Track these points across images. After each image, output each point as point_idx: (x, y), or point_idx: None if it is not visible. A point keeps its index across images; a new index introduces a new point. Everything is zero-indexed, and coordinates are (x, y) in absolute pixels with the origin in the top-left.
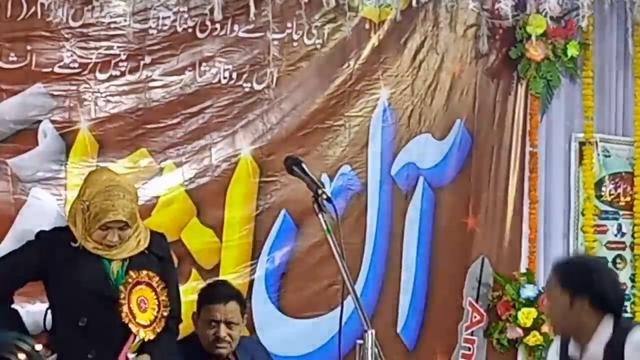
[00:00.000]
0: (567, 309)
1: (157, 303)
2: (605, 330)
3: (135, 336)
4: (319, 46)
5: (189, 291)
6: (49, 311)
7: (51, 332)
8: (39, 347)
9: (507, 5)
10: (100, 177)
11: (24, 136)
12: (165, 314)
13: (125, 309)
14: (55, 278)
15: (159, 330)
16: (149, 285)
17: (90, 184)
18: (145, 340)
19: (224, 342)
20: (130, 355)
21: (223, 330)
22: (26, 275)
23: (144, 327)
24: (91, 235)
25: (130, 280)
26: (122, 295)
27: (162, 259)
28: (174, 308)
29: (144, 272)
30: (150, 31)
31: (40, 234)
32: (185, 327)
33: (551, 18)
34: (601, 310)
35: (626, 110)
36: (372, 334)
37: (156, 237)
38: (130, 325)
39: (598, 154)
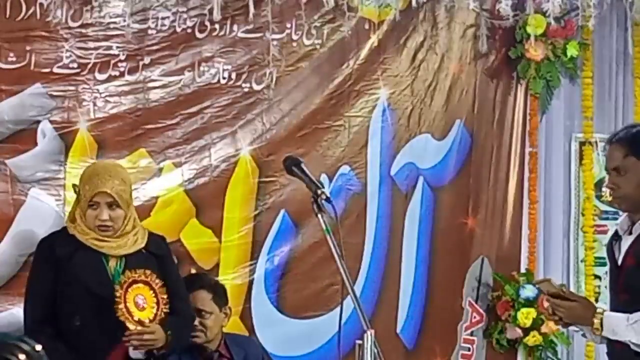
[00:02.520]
0: None
1: (156, 301)
2: None
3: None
4: (318, 46)
5: None
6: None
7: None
8: (39, 347)
9: (507, 5)
10: (92, 166)
11: (22, 136)
12: (165, 311)
13: (121, 306)
14: (60, 276)
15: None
16: (146, 283)
17: (83, 175)
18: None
19: (196, 330)
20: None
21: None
22: (54, 295)
23: (144, 325)
24: (87, 223)
25: (126, 279)
26: (118, 294)
27: (161, 257)
28: (185, 308)
29: (141, 270)
30: (150, 31)
31: (40, 244)
32: None
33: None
34: None
35: (626, 110)
36: (371, 334)
37: (154, 239)
38: (128, 323)
39: (598, 154)
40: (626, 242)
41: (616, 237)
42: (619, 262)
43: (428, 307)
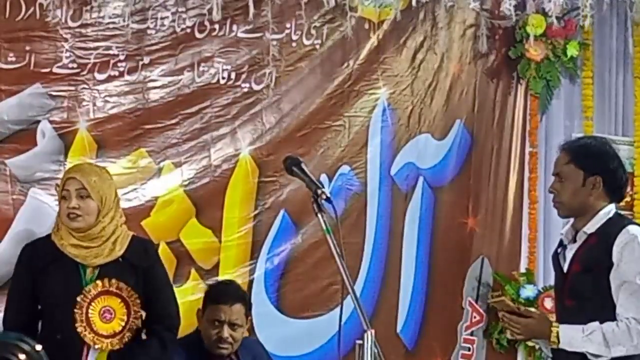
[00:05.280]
0: (580, 187)
1: (126, 313)
2: (604, 215)
3: (89, 348)
4: (318, 46)
5: (189, 291)
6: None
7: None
8: (39, 347)
9: (510, 5)
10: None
11: (22, 137)
12: (136, 323)
13: (79, 317)
14: (38, 287)
15: (126, 340)
16: (118, 295)
17: None
18: (107, 349)
19: (226, 342)
20: None
21: (226, 331)
22: (33, 303)
23: (105, 337)
24: (61, 219)
25: (92, 290)
26: (79, 305)
27: (142, 267)
28: (169, 315)
29: (114, 281)
30: (149, 31)
31: (22, 249)
32: (186, 327)
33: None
34: (609, 194)
35: (626, 110)
36: (371, 334)
37: (137, 245)
38: (85, 335)
39: None
40: (571, 250)
41: (561, 246)
42: (565, 269)
43: (428, 307)
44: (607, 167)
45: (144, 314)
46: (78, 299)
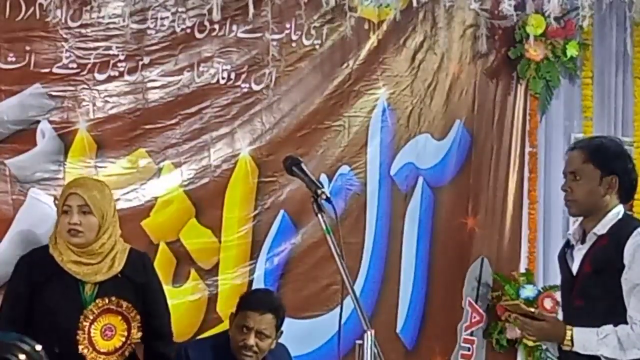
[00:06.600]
0: (596, 186)
1: (126, 329)
2: (614, 216)
3: None
4: (317, 46)
5: (188, 291)
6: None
7: None
8: (39, 347)
9: (510, 5)
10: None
11: (22, 137)
12: (136, 338)
13: (82, 338)
14: (36, 300)
15: (127, 355)
16: (118, 312)
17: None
18: None
19: (250, 350)
20: None
21: (252, 339)
22: (28, 314)
23: (106, 354)
24: (60, 233)
25: (94, 309)
26: (81, 325)
27: (139, 282)
28: (166, 325)
29: (113, 298)
30: (149, 32)
31: (20, 260)
32: (186, 326)
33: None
34: (621, 195)
35: (626, 110)
36: (371, 334)
37: (135, 259)
38: (87, 356)
39: None
40: (580, 250)
41: (568, 246)
42: (574, 270)
43: (428, 307)
44: (624, 167)
45: None
46: (80, 318)
